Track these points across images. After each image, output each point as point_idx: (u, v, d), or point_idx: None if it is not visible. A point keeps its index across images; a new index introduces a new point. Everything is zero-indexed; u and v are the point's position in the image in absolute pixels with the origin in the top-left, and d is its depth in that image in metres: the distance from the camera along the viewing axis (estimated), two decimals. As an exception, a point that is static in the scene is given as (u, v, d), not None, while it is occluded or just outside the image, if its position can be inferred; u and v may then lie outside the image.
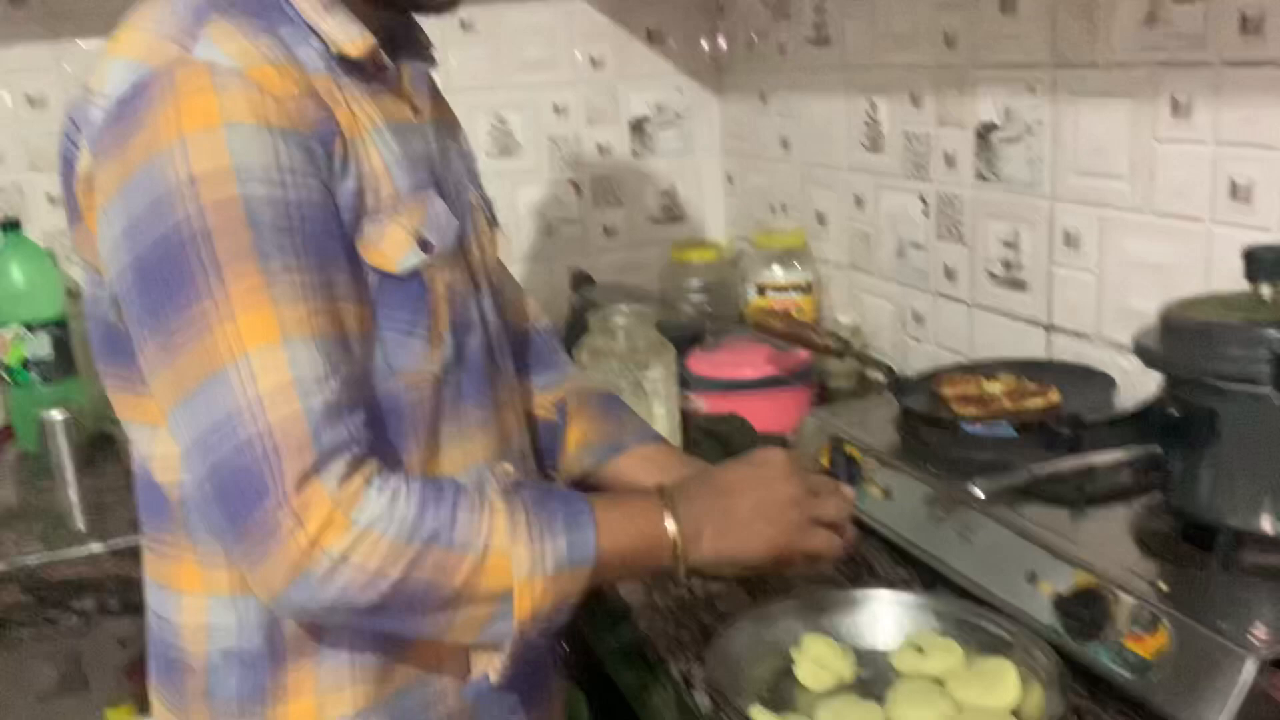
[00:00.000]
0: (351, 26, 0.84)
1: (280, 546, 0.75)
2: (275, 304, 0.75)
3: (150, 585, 0.94)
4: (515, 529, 0.81)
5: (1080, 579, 0.95)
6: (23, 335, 1.73)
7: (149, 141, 0.75)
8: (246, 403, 0.74)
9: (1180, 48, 1.16)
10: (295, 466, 0.74)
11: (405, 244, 0.85)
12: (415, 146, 0.89)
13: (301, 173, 0.78)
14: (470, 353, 0.92)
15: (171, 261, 0.75)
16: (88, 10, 1.83)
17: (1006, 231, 1.46)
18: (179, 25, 0.78)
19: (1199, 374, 0.91)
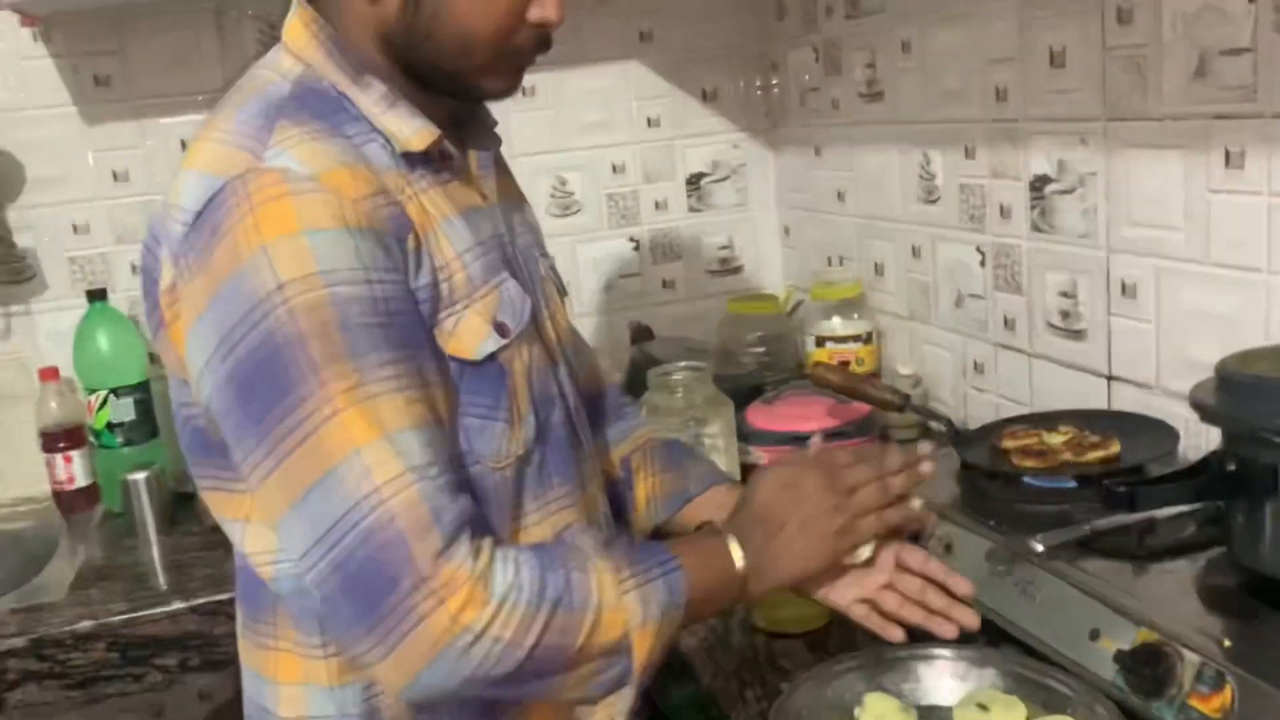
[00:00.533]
0: (415, 120, 0.87)
1: (420, 628, 0.76)
2: (376, 399, 0.77)
3: (248, 673, 0.96)
4: (620, 581, 0.84)
5: (1143, 635, 0.94)
6: (109, 400, 1.81)
7: (231, 253, 0.77)
8: (364, 495, 0.76)
9: (1231, 99, 1.17)
10: (425, 549, 0.76)
11: (482, 330, 0.87)
12: (485, 230, 0.91)
13: (383, 269, 0.80)
14: (553, 428, 0.95)
15: (269, 369, 0.77)
16: (169, 91, 1.92)
17: (1064, 282, 1.47)
18: (248, 133, 0.81)
19: (1256, 430, 0.91)
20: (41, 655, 1.43)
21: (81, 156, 1.91)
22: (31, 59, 1.86)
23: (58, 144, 1.89)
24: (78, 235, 1.92)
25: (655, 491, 1.12)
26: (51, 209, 1.90)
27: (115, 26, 1.88)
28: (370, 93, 0.86)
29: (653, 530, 1.13)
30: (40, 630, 1.44)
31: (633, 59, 2.12)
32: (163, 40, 1.91)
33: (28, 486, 1.94)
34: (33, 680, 1.43)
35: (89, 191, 1.92)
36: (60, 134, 1.89)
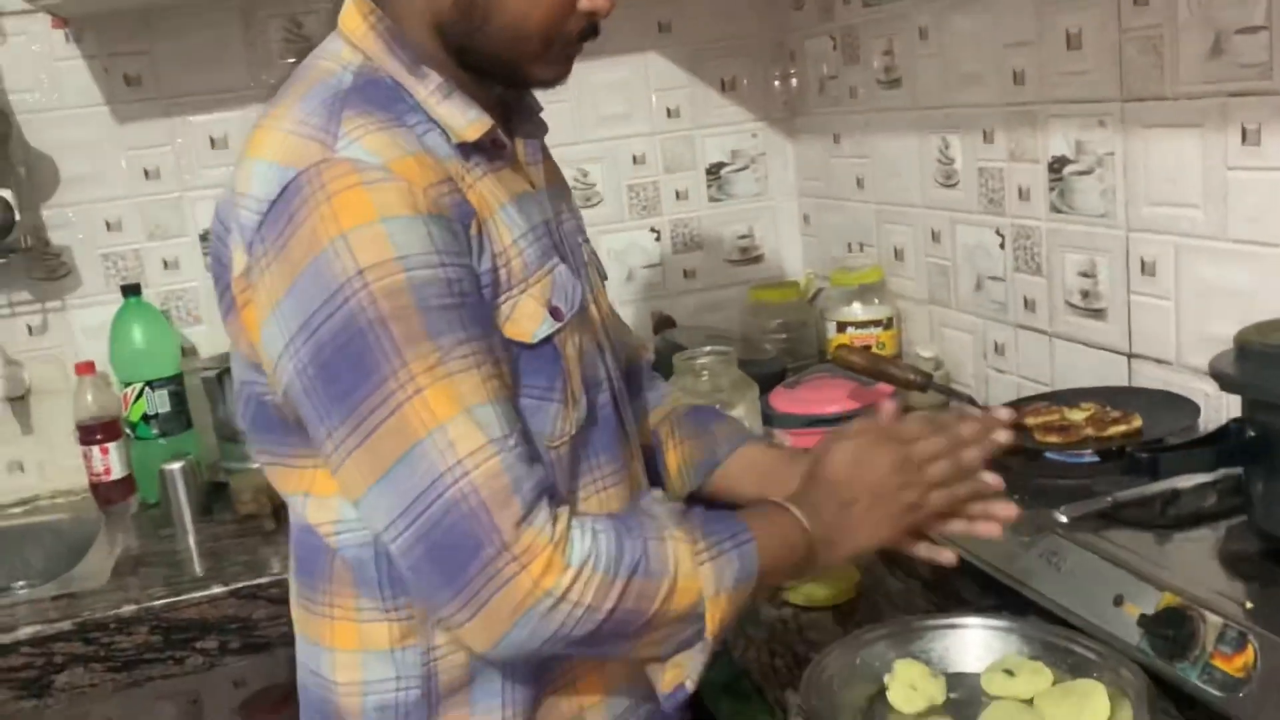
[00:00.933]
0: (469, 111, 0.89)
1: (504, 592, 0.79)
2: (454, 376, 0.80)
3: (303, 643, 0.99)
4: (697, 553, 0.87)
5: (1166, 600, 0.96)
6: (144, 393, 1.85)
7: (309, 241, 0.80)
8: (448, 467, 0.79)
9: (1247, 77, 1.18)
10: (507, 517, 0.79)
11: (538, 315, 0.89)
12: (536, 216, 0.94)
13: (453, 253, 0.83)
14: (600, 409, 0.97)
15: (353, 351, 0.80)
16: (197, 89, 1.96)
17: (1083, 262, 1.48)
18: (317, 124, 0.83)
19: (1274, 396, 0.93)
20: (87, 639, 1.47)
21: (113, 155, 1.95)
22: (63, 60, 1.90)
23: (90, 143, 1.93)
24: (111, 232, 1.96)
25: (684, 460, 1.15)
26: (85, 207, 1.94)
27: (144, 27, 1.92)
28: (426, 84, 0.89)
29: (687, 497, 1.15)
30: (85, 615, 1.48)
31: (651, 50, 2.14)
32: (190, 39, 1.94)
33: (65, 479, 1.98)
34: (79, 663, 1.47)
35: (121, 189, 1.96)
36: (92, 133, 1.93)
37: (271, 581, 1.53)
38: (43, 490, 1.99)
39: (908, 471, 0.96)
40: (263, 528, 1.71)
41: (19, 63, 1.88)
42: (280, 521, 1.71)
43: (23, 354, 1.95)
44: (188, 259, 2.01)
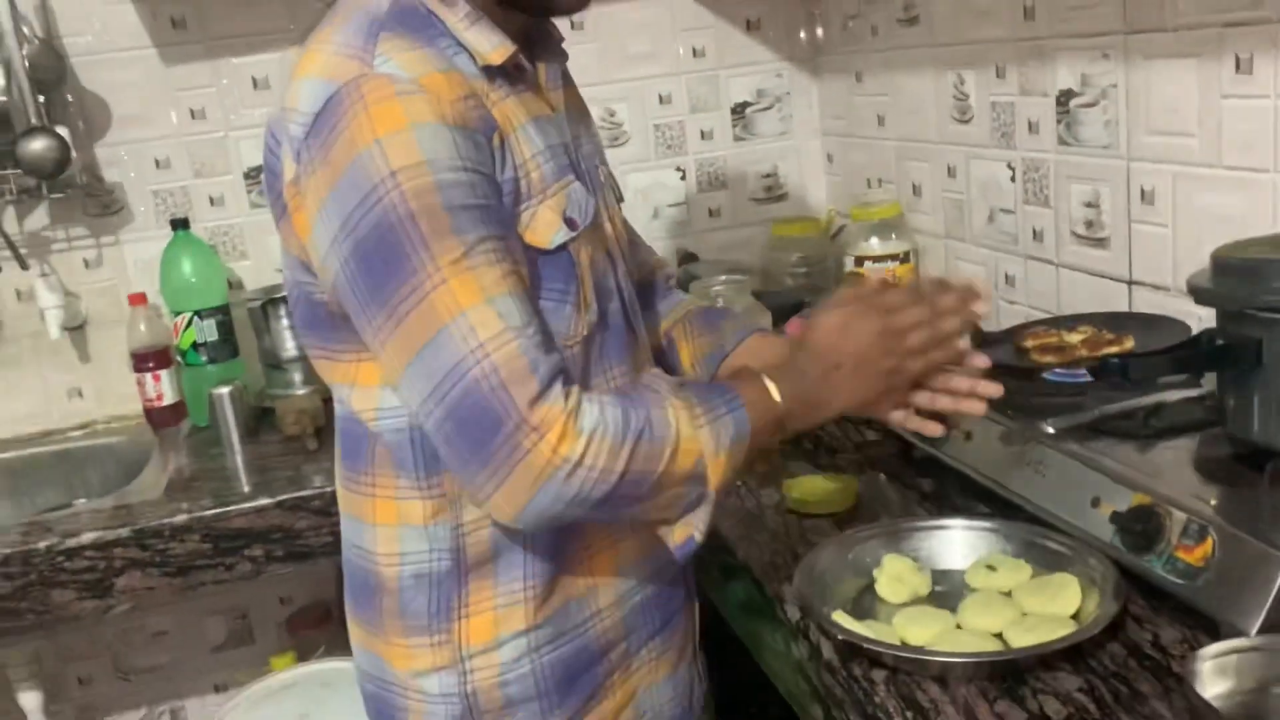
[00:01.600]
0: (494, 36, 0.97)
1: (524, 461, 0.87)
2: (477, 269, 0.88)
3: (347, 520, 1.08)
4: (695, 418, 0.95)
5: (1137, 499, 1.03)
6: (193, 322, 1.95)
7: (349, 146, 0.88)
8: (469, 350, 0.87)
9: (1241, 6, 1.22)
10: (524, 393, 0.88)
11: (554, 224, 0.97)
12: (554, 137, 1.01)
13: (476, 160, 0.90)
14: (611, 316, 1.05)
15: (386, 245, 0.88)
16: (240, 31, 2.04)
17: (1088, 193, 1.53)
18: (356, 44, 0.92)
19: (1243, 306, 0.99)
20: (143, 545, 1.58)
21: (161, 96, 2.04)
22: (113, 4, 1.98)
23: (139, 84, 2.02)
24: (160, 170, 2.06)
25: (696, 355, 1.22)
26: (135, 145, 2.04)
27: (189, -29, 2.00)
28: (456, 11, 0.96)
29: None
30: (141, 523, 1.59)
31: (677, -9, 2.19)
32: (234, -18, 2.02)
33: (120, 405, 2.10)
34: (136, 567, 1.58)
35: (169, 129, 2.05)
36: (141, 75, 2.02)
37: (314, 494, 1.64)
38: (100, 415, 2.11)
39: (888, 338, 1.02)
40: (305, 447, 1.81)
41: (71, 7, 1.96)
42: (321, 442, 1.82)
43: (80, 286, 2.06)
44: (232, 195, 2.10)
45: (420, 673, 1.04)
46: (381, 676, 1.07)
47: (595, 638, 1.06)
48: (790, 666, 1.13)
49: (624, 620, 1.08)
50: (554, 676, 1.03)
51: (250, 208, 2.11)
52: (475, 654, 1.02)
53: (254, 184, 2.10)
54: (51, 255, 2.03)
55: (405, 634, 1.04)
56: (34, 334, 2.04)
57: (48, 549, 1.56)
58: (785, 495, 1.33)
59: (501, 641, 1.02)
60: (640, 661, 1.10)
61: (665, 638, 1.12)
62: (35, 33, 1.91)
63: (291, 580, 2.16)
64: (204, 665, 2.22)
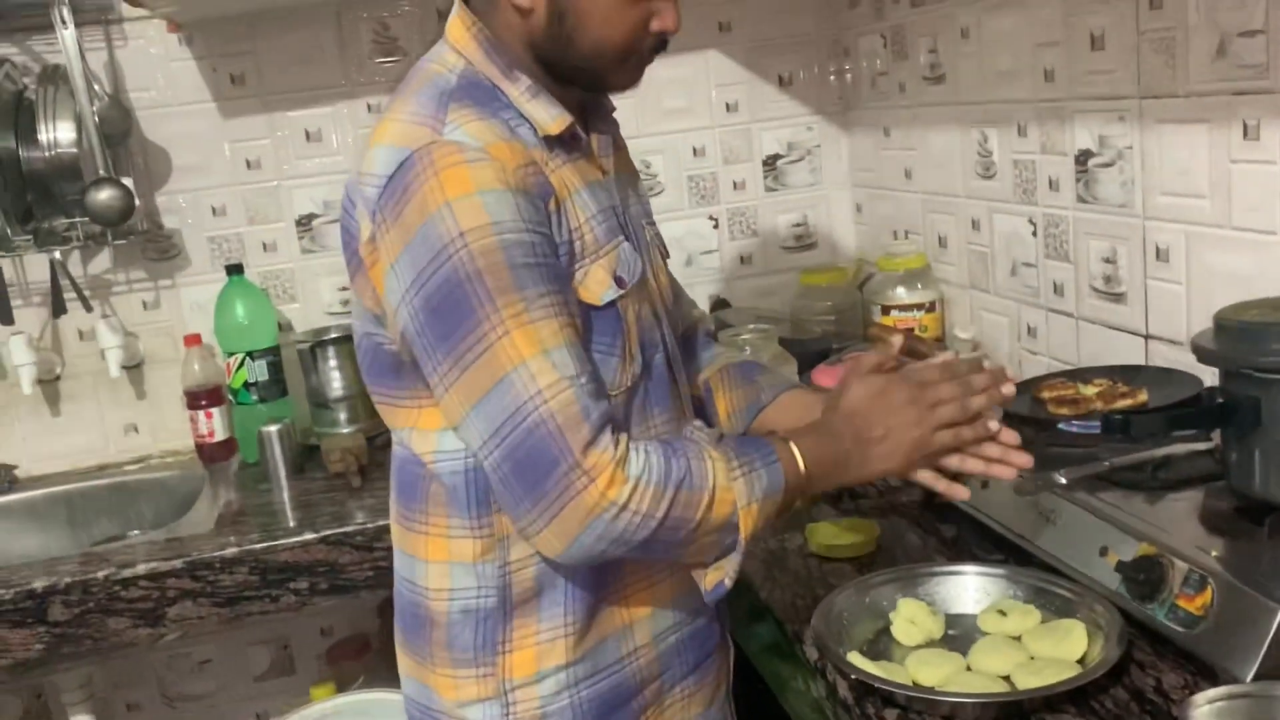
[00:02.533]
0: (553, 109, 1.04)
1: (575, 501, 0.94)
2: (537, 323, 0.96)
3: (400, 555, 1.15)
4: (731, 470, 1.01)
5: (1143, 549, 1.08)
6: (245, 362, 2.04)
7: (421, 207, 0.96)
8: (529, 396, 0.95)
9: (1248, 76, 1.28)
10: (578, 439, 0.95)
11: (605, 282, 1.05)
12: (605, 200, 1.09)
13: (536, 222, 0.98)
14: (655, 367, 1.12)
15: (455, 299, 0.96)
16: (295, 86, 2.15)
17: (1105, 249, 1.58)
18: (427, 114, 1.00)
19: (1243, 366, 1.04)
20: (195, 576, 1.66)
21: (219, 147, 2.14)
22: (177, 60, 2.10)
23: (199, 136, 2.13)
24: (216, 217, 2.16)
25: (732, 406, 1.29)
26: (193, 194, 2.15)
27: (249, 30, 2.11)
28: (518, 85, 1.05)
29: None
30: (194, 555, 1.67)
31: (712, 48, 2.28)
32: (289, 41, 2.13)
33: (174, 440, 2.19)
34: (188, 597, 1.66)
35: (226, 178, 2.16)
36: (201, 127, 2.13)
37: (356, 530, 1.71)
38: (154, 450, 2.20)
39: (920, 410, 1.08)
40: (350, 484, 1.89)
41: (138, 64, 2.08)
42: (365, 480, 1.90)
43: (138, 326, 2.16)
44: (284, 241, 2.20)
45: (465, 703, 1.10)
46: (429, 705, 1.13)
47: (631, 674, 1.11)
48: (809, 705, 1.18)
49: (659, 658, 1.13)
50: (591, 711, 1.09)
51: (301, 253, 2.20)
52: (517, 687, 1.08)
53: (305, 231, 2.20)
54: (112, 297, 2.14)
55: (452, 665, 1.10)
56: (94, 372, 2.14)
57: (105, 579, 1.64)
58: (808, 539, 1.38)
59: (543, 675, 1.08)
60: (673, 699, 1.16)
61: (699, 677, 1.18)
62: (104, 89, 2.03)
63: (333, 612, 2.23)
64: (246, 693, 2.30)
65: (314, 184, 2.17)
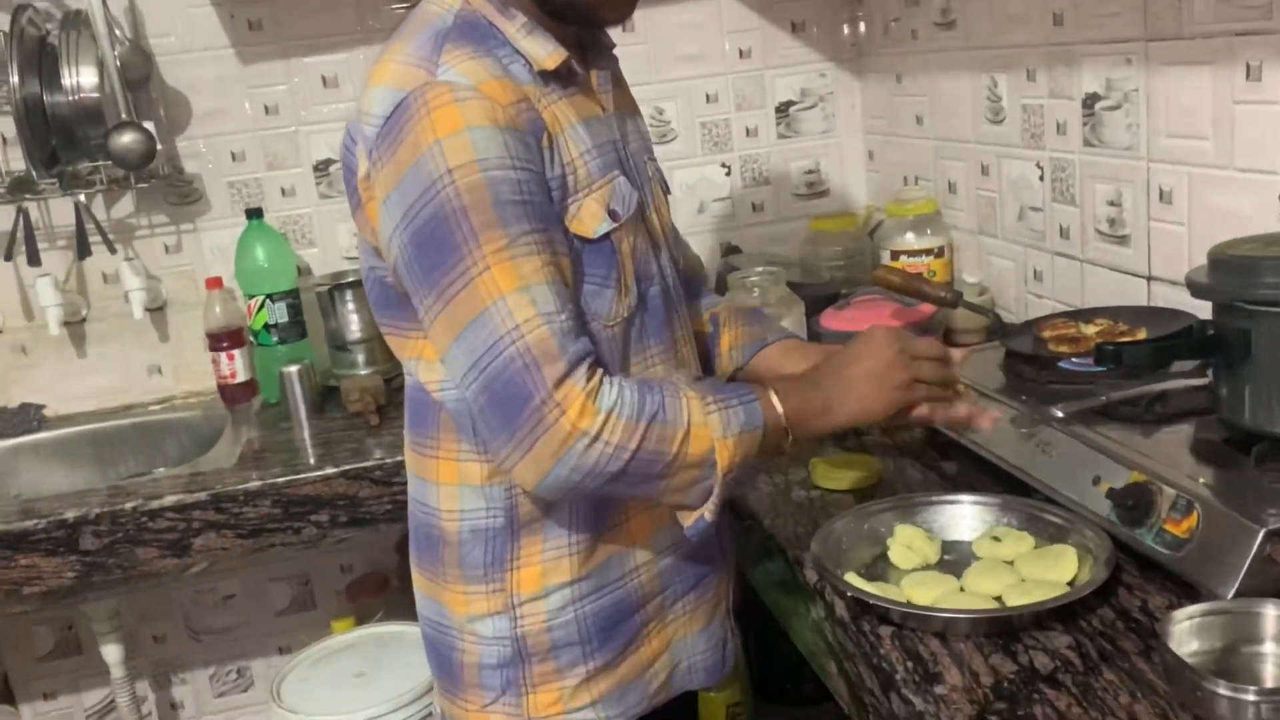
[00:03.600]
0: (548, 44, 1.07)
1: (548, 433, 0.98)
2: (518, 259, 0.99)
3: (413, 479, 1.20)
4: (706, 406, 1.05)
5: (1133, 477, 1.11)
6: (265, 304, 2.09)
7: (413, 146, 0.99)
8: (507, 331, 0.98)
9: (1251, 18, 1.29)
10: (552, 372, 0.98)
11: (599, 215, 1.08)
12: (602, 135, 1.12)
13: (525, 159, 1.01)
14: (651, 299, 1.16)
15: (440, 233, 0.99)
16: (312, 33, 2.17)
17: (1111, 192, 1.60)
18: (423, 54, 1.03)
19: (1234, 299, 1.07)
20: (219, 508, 1.72)
21: (238, 93, 2.17)
22: (195, 7, 2.12)
23: (218, 82, 2.16)
24: (235, 162, 2.20)
25: (736, 340, 1.33)
26: (213, 139, 2.18)
27: (266, -24, 2.13)
28: (514, 22, 1.08)
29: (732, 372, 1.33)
30: (218, 488, 1.73)
31: (725, -6, 2.29)
32: (306, -13, 2.15)
33: (196, 381, 2.25)
34: (213, 529, 1.72)
35: (245, 124, 2.19)
36: (220, 73, 2.16)
37: (375, 465, 1.76)
38: (177, 391, 2.26)
39: (903, 359, 1.13)
40: (368, 423, 1.94)
41: (157, 9, 2.11)
42: (383, 419, 1.95)
43: (161, 270, 2.21)
44: (303, 187, 2.23)
45: (476, 617, 1.15)
46: (441, 621, 1.18)
47: (633, 591, 1.17)
48: (809, 626, 1.22)
49: (660, 576, 1.19)
50: (595, 624, 1.14)
51: (319, 199, 2.24)
52: (525, 601, 1.13)
53: (323, 176, 2.23)
54: (135, 240, 2.18)
55: (464, 582, 1.15)
56: (118, 314, 2.19)
57: (134, 510, 1.70)
58: (811, 473, 1.42)
59: (549, 591, 1.13)
60: (675, 614, 1.21)
61: (699, 594, 1.23)
62: (125, 34, 2.06)
63: (352, 549, 2.30)
64: (269, 628, 2.37)
65: (331, 129, 2.19)
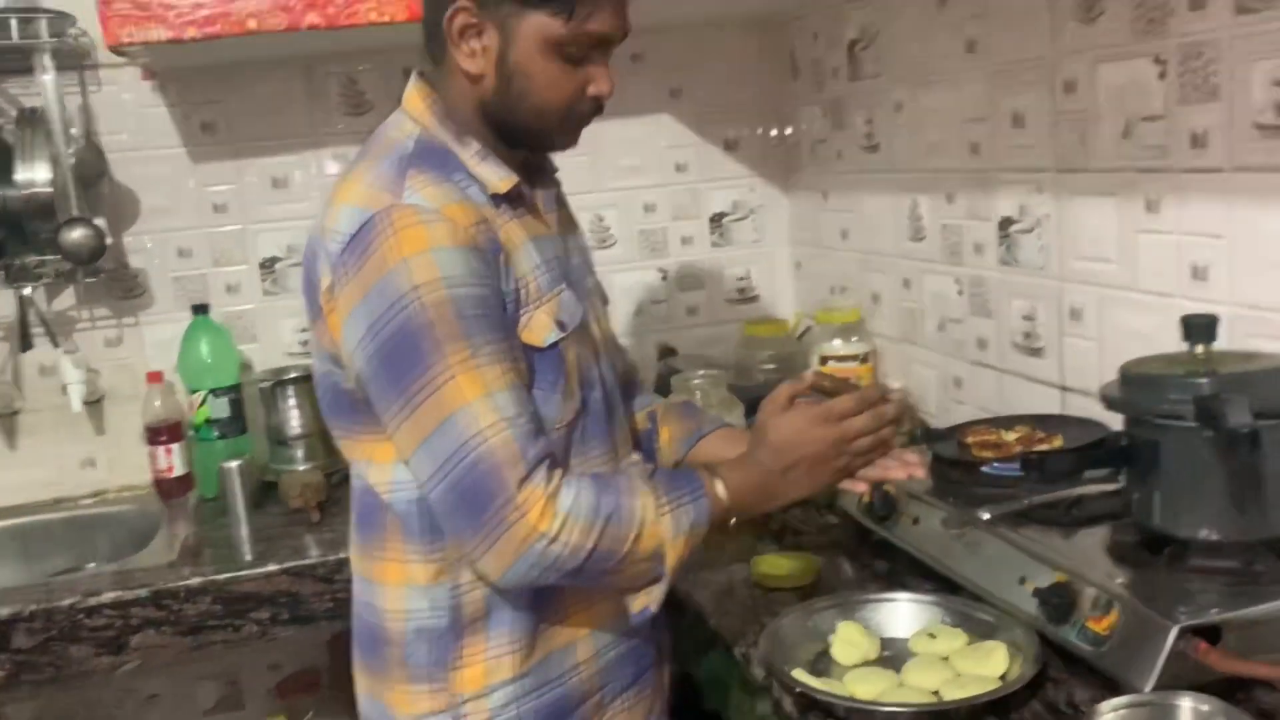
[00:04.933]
0: (500, 170, 1.16)
1: (510, 532, 1.04)
2: (481, 368, 1.06)
3: (359, 580, 1.24)
4: (660, 505, 1.11)
5: (1058, 577, 1.20)
6: (207, 399, 2.10)
7: (380, 263, 1.06)
8: (473, 434, 1.04)
9: (1149, 157, 1.43)
10: (514, 475, 1.05)
11: (548, 326, 1.15)
12: (549, 252, 1.20)
13: (485, 276, 1.08)
14: (593, 404, 1.22)
15: (407, 345, 1.06)
16: (263, 135, 2.23)
17: (1026, 307, 1.73)
18: (388, 179, 1.10)
19: (1144, 414, 1.17)
20: (159, 605, 1.71)
21: (188, 190, 2.21)
22: (149, 107, 2.17)
23: (168, 179, 2.19)
24: (182, 258, 2.22)
25: (674, 434, 1.40)
26: (161, 235, 2.21)
27: (220, 80, 2.19)
28: (468, 149, 1.15)
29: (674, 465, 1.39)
30: (159, 584, 1.72)
31: (664, 112, 2.41)
32: (260, 91, 2.21)
33: (130, 475, 2.23)
34: (151, 627, 1.70)
35: (193, 220, 2.22)
36: (170, 171, 2.19)
37: (318, 562, 1.77)
38: (111, 484, 2.23)
39: (840, 446, 1.19)
40: (309, 519, 1.95)
41: (111, 108, 2.15)
42: (325, 515, 1.96)
43: (100, 363, 2.20)
44: (248, 284, 2.26)
45: (420, 716, 1.18)
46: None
47: (574, 688, 1.21)
48: (756, 721, 1.27)
49: (600, 673, 1.23)
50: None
51: (263, 295, 2.27)
52: (468, 699, 1.17)
53: (268, 273, 2.27)
54: (76, 333, 2.18)
55: (408, 681, 1.19)
56: (54, 407, 2.17)
57: (70, 606, 1.68)
58: (753, 571, 1.48)
59: (492, 689, 1.17)
60: (614, 710, 1.25)
61: (637, 690, 1.28)
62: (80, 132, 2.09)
63: (282, 647, 2.27)
64: (193, 730, 2.31)
65: (278, 229, 2.24)
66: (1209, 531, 1.15)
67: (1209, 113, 1.33)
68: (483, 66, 1.14)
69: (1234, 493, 1.12)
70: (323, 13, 1.77)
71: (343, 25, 1.79)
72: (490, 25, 1.13)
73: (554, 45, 1.12)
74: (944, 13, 1.83)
